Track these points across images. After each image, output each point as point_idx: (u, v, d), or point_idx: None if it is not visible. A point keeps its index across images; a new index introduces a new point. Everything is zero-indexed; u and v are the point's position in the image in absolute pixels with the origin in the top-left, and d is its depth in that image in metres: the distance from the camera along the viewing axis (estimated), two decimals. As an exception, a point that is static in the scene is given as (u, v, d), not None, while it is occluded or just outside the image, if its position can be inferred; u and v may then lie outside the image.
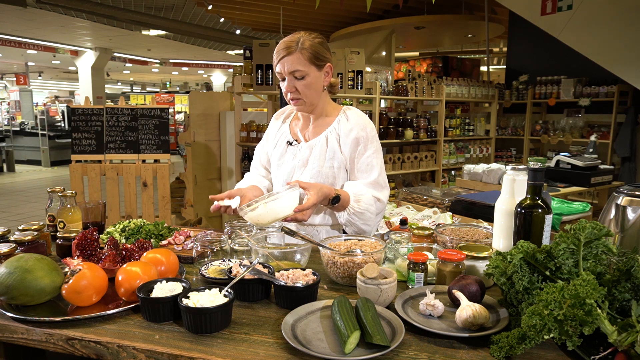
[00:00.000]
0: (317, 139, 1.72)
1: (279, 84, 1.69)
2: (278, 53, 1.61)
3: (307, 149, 1.72)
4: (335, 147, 1.70)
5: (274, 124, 1.87)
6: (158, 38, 13.21)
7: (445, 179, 5.60)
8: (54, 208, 1.70)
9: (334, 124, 1.73)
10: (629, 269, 0.95)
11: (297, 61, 1.59)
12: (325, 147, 1.71)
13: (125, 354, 0.97)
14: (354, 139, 1.68)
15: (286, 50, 1.59)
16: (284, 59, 1.59)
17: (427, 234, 1.53)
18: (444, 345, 0.96)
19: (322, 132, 1.73)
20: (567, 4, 4.68)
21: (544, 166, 1.19)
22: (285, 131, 1.80)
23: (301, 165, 1.72)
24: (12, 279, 1.09)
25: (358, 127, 1.69)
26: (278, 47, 1.62)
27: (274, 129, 1.85)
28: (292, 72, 1.60)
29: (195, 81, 25.67)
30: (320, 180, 1.68)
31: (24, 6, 8.67)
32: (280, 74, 1.63)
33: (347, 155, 1.69)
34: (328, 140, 1.71)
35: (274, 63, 1.65)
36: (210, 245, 1.43)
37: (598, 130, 5.45)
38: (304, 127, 1.77)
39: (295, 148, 1.75)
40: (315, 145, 1.71)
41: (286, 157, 1.76)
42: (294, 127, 1.81)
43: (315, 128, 1.75)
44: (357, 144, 1.68)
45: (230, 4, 7.50)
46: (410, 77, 5.28)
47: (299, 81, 1.61)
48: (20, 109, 15.69)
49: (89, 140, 4.15)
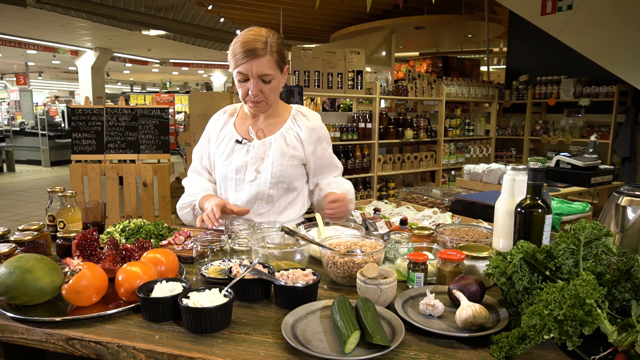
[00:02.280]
0: (273, 137, 1.74)
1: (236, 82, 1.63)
2: (245, 53, 1.53)
3: (262, 146, 1.73)
4: (296, 145, 1.75)
5: (215, 125, 1.83)
6: (158, 38, 13.21)
7: (445, 179, 5.60)
8: (54, 208, 1.70)
9: (288, 123, 1.77)
10: (629, 269, 0.95)
11: (267, 65, 1.56)
12: (285, 144, 1.73)
13: (125, 354, 0.97)
14: (317, 138, 1.77)
15: (254, 52, 1.53)
16: (252, 62, 1.54)
17: (427, 234, 1.53)
18: (444, 345, 0.96)
19: (278, 130, 1.75)
20: (567, 4, 4.68)
21: (544, 166, 1.19)
22: (231, 130, 1.78)
23: (255, 161, 1.72)
24: (12, 279, 1.09)
25: (319, 127, 1.79)
26: (242, 46, 1.54)
27: (216, 129, 1.81)
28: (260, 75, 1.57)
29: (195, 81, 25.67)
30: (281, 176, 1.72)
31: (24, 6, 8.67)
32: (244, 74, 1.58)
33: (309, 152, 1.77)
34: (286, 138, 1.74)
35: (235, 61, 1.57)
36: (210, 245, 1.43)
37: (598, 130, 5.45)
38: (254, 125, 1.77)
39: (246, 146, 1.74)
40: (272, 142, 1.73)
41: (235, 155, 1.74)
42: (239, 126, 1.79)
43: (268, 126, 1.76)
44: (319, 142, 1.78)
45: (230, 4, 7.50)
46: (410, 77, 5.28)
47: (266, 85, 1.60)
48: (20, 109, 15.69)
49: (89, 140, 4.15)
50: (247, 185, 1.74)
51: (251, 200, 1.74)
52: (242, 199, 1.74)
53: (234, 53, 1.57)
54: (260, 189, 1.72)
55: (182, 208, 1.80)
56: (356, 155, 4.72)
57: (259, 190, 1.72)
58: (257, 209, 1.76)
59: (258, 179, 1.72)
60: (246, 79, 1.59)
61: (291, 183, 1.76)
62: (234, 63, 1.58)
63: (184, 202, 1.79)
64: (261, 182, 1.72)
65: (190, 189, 1.82)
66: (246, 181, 1.73)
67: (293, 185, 1.78)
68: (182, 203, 1.80)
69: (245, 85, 1.60)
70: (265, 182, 1.72)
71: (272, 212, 1.78)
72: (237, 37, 1.60)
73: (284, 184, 1.75)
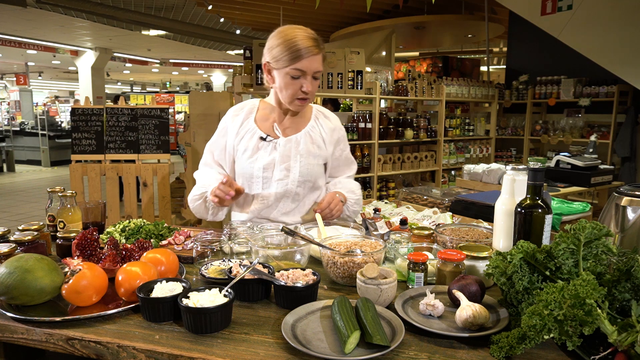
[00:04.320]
0: (299, 135, 1.74)
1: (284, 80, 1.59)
2: (306, 50, 1.52)
3: (288, 144, 1.72)
4: (320, 144, 1.77)
5: (234, 120, 1.77)
6: (158, 38, 13.21)
7: (445, 179, 5.60)
8: (54, 208, 1.70)
9: (312, 122, 1.78)
10: (629, 269, 0.95)
11: (320, 61, 1.58)
12: (311, 143, 1.75)
13: (125, 354, 0.97)
14: (337, 139, 1.82)
15: (313, 49, 1.53)
16: (312, 58, 1.54)
17: (427, 234, 1.53)
18: (444, 345, 0.96)
19: (303, 129, 1.76)
20: (567, 4, 4.68)
21: (544, 166, 1.19)
22: (252, 127, 1.75)
23: (282, 159, 1.72)
24: (12, 279, 1.09)
25: (339, 127, 1.84)
26: (301, 43, 1.53)
27: (235, 125, 1.75)
28: (316, 71, 1.58)
29: (195, 81, 25.67)
30: (309, 174, 1.74)
31: (24, 6, 8.67)
32: (301, 71, 1.56)
33: (330, 152, 1.80)
34: (311, 136, 1.76)
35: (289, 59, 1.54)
36: (210, 245, 1.43)
37: (598, 130, 5.44)
38: (279, 123, 1.76)
39: (271, 143, 1.72)
40: (298, 140, 1.73)
41: (261, 152, 1.72)
42: (261, 123, 1.76)
43: (293, 124, 1.76)
44: (339, 143, 1.83)
45: (230, 4, 7.49)
46: (410, 77, 5.28)
47: (315, 81, 1.62)
48: (20, 109, 15.70)
49: (89, 140, 4.15)
50: (274, 183, 1.72)
51: (278, 199, 1.74)
52: (269, 197, 1.73)
53: (290, 50, 1.53)
54: (288, 187, 1.72)
55: (193, 200, 1.74)
56: (356, 155, 4.72)
57: (287, 188, 1.72)
58: (283, 207, 1.75)
59: (286, 178, 1.71)
60: (299, 76, 1.57)
61: (316, 181, 1.78)
62: (289, 60, 1.54)
63: (195, 194, 1.74)
64: (290, 180, 1.71)
65: (201, 181, 1.78)
66: (274, 179, 1.71)
67: (317, 183, 1.80)
68: (193, 195, 1.74)
69: (297, 82, 1.58)
70: (293, 180, 1.71)
71: (297, 211, 1.78)
72: (284, 35, 1.56)
73: (310, 183, 1.76)
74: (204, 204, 1.72)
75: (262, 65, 1.66)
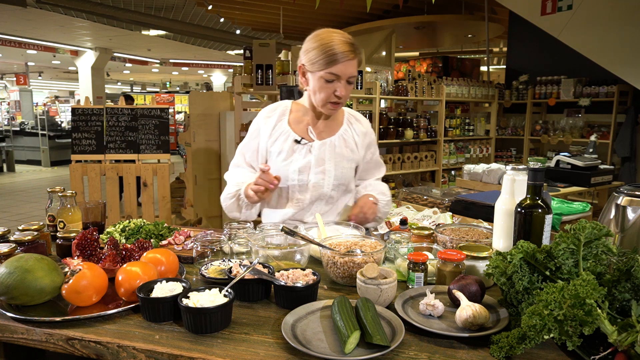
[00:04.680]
0: (333, 138, 1.74)
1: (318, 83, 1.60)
2: (343, 54, 1.53)
3: (322, 147, 1.72)
4: (353, 148, 1.78)
5: (266, 122, 1.76)
6: (158, 38, 13.21)
7: (445, 179, 5.60)
8: (54, 208, 1.70)
9: (344, 126, 1.79)
10: (629, 269, 0.95)
11: (356, 66, 1.58)
12: (344, 146, 1.76)
13: (125, 354, 0.97)
14: (368, 143, 1.82)
15: (350, 54, 1.54)
16: (350, 62, 1.55)
17: (427, 234, 1.53)
18: (444, 345, 0.96)
19: (337, 132, 1.76)
20: (567, 4, 4.68)
21: (544, 166, 1.19)
22: (286, 129, 1.74)
23: (318, 162, 1.71)
24: (12, 279, 1.09)
25: (370, 131, 1.85)
26: (340, 45, 1.53)
27: (268, 127, 1.75)
28: (351, 76, 1.58)
29: (195, 81, 25.66)
30: (343, 177, 1.74)
31: (24, 6, 8.67)
32: (336, 75, 1.56)
33: (361, 156, 1.80)
34: (345, 140, 1.76)
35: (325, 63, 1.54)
36: (210, 245, 1.43)
37: (598, 130, 5.44)
38: (313, 126, 1.75)
39: (306, 146, 1.72)
40: (333, 144, 1.73)
41: (296, 155, 1.72)
42: (294, 125, 1.76)
43: (326, 128, 1.76)
44: (369, 147, 1.83)
45: (230, 4, 7.49)
46: (410, 77, 5.28)
47: (349, 86, 1.62)
48: (20, 109, 15.70)
49: (89, 140, 4.15)
50: (310, 187, 1.72)
51: (312, 201, 1.73)
52: (304, 200, 1.73)
53: (325, 54, 1.53)
54: (323, 191, 1.72)
55: (227, 198, 1.72)
56: (356, 155, 4.71)
57: (322, 191, 1.72)
58: (316, 209, 1.74)
59: (322, 181, 1.71)
60: (333, 80, 1.57)
61: (349, 185, 1.79)
62: (324, 64, 1.54)
63: (229, 192, 1.72)
64: (325, 183, 1.71)
65: (234, 180, 1.76)
66: (310, 182, 1.71)
67: (350, 187, 1.80)
68: (227, 193, 1.73)
69: (331, 86, 1.58)
70: (329, 183, 1.71)
71: (330, 213, 1.77)
72: (321, 39, 1.56)
73: (343, 186, 1.76)
74: (237, 202, 1.70)
75: (298, 67, 1.66)
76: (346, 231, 1.60)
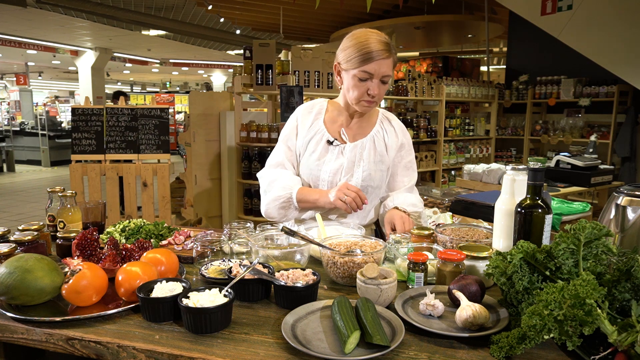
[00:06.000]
0: (365, 140, 1.72)
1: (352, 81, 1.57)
2: (377, 52, 1.52)
3: (354, 149, 1.70)
4: (382, 150, 1.73)
5: (305, 119, 1.74)
6: (158, 38, 13.20)
7: (445, 179, 5.60)
8: (54, 208, 1.70)
9: (377, 126, 1.76)
10: (629, 269, 0.95)
11: (391, 66, 1.57)
12: (374, 149, 1.72)
13: (125, 354, 0.97)
14: (400, 145, 1.77)
15: (384, 52, 1.52)
16: (384, 61, 1.53)
17: (427, 234, 1.53)
18: (444, 345, 0.96)
19: (368, 134, 1.73)
20: (567, 4, 4.68)
21: (544, 166, 1.19)
22: (321, 129, 1.72)
23: (349, 164, 1.69)
24: (12, 279, 1.09)
25: (402, 133, 1.79)
26: (375, 44, 1.52)
27: (306, 123, 1.73)
28: (385, 75, 1.57)
29: (195, 81, 25.66)
30: (371, 179, 1.70)
31: (24, 6, 8.67)
32: (369, 74, 1.55)
33: (391, 158, 1.75)
34: (376, 142, 1.73)
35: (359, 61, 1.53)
36: (210, 245, 1.43)
37: (598, 130, 5.45)
38: (346, 127, 1.73)
39: (338, 148, 1.70)
40: (363, 146, 1.71)
41: (328, 157, 1.70)
42: (329, 125, 1.73)
43: (359, 129, 1.74)
44: (401, 149, 1.77)
45: (230, 4, 7.50)
46: (410, 77, 5.28)
47: (384, 85, 1.60)
48: (20, 109, 15.70)
49: (89, 140, 4.15)
50: None
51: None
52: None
53: (360, 52, 1.53)
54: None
55: (277, 201, 1.67)
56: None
57: None
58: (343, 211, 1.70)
59: (351, 182, 1.68)
60: (367, 78, 1.56)
61: (378, 187, 1.75)
62: (359, 62, 1.54)
63: (280, 195, 1.66)
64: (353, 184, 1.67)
65: (279, 182, 1.69)
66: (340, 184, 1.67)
67: (379, 189, 1.77)
68: (277, 195, 1.67)
69: (365, 85, 1.57)
70: (356, 184, 1.68)
71: (357, 215, 1.74)
72: (357, 38, 1.56)
73: (372, 188, 1.73)
74: (288, 206, 1.67)
75: (334, 66, 1.66)
76: (346, 231, 1.60)
